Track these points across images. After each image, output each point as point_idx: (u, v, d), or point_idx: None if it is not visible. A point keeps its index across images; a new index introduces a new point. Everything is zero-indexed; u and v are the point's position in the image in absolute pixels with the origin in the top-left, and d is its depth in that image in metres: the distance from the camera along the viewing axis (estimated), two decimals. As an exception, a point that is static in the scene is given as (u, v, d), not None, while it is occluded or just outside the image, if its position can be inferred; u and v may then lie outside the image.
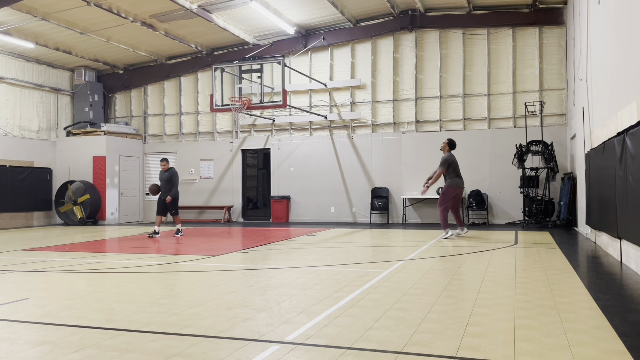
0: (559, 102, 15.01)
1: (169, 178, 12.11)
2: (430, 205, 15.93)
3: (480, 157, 15.51)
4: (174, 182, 12.11)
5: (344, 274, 6.52)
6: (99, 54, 17.81)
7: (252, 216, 18.47)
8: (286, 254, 8.87)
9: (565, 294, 5.15)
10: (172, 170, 12.25)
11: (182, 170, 18.76)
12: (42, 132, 17.85)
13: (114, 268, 7.40)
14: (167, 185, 12.08)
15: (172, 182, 12.11)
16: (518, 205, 14.76)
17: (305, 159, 17.21)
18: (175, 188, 12.14)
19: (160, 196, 12.14)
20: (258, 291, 5.50)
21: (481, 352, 3.38)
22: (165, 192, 12.08)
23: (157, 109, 19.32)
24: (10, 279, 6.51)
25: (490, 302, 4.83)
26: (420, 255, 8.32)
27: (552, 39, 15.07)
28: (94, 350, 3.51)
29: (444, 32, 16.01)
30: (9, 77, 16.59)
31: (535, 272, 6.46)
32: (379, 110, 16.71)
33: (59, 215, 17.30)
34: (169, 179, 12.11)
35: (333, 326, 4.04)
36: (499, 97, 15.56)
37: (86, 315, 4.51)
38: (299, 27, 16.56)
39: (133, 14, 14.63)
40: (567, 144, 14.58)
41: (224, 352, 3.45)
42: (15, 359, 3.37)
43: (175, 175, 12.20)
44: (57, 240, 11.76)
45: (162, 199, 12.09)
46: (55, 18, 14.32)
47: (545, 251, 8.54)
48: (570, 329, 3.87)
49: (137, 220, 18.74)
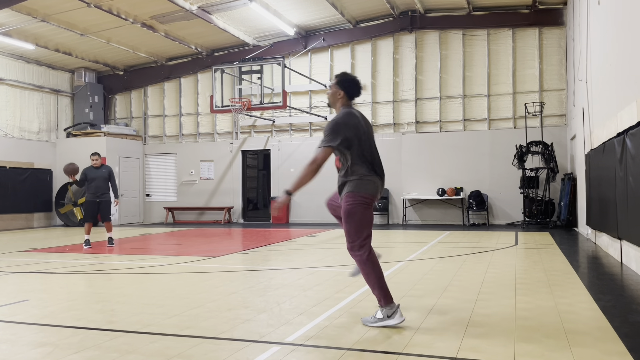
0: (559, 103, 15.01)
1: (108, 176, 10.24)
2: (431, 206, 15.93)
3: (480, 157, 15.51)
4: (113, 181, 10.34)
5: (345, 275, 6.52)
6: (99, 55, 17.81)
7: (252, 217, 18.46)
8: (286, 254, 8.87)
9: (565, 294, 5.15)
10: (108, 166, 10.43)
11: (182, 171, 18.78)
12: (43, 133, 17.85)
13: (115, 269, 7.40)
14: (105, 184, 10.15)
15: (111, 181, 10.29)
16: (518, 206, 14.76)
17: (306, 160, 16.95)
18: (115, 188, 10.44)
19: (94, 198, 10.08)
20: (258, 292, 5.50)
21: (482, 352, 3.38)
22: (104, 194, 10.12)
23: (157, 110, 19.32)
24: (11, 280, 6.51)
25: (490, 302, 4.82)
26: (421, 256, 8.32)
27: (552, 40, 15.07)
28: (94, 352, 3.50)
29: (444, 33, 16.01)
30: (9, 79, 16.59)
31: (535, 273, 6.46)
32: (378, 111, 16.72)
33: (59, 216, 17.29)
34: (108, 176, 10.24)
35: (333, 327, 4.04)
36: (499, 97, 15.56)
37: (86, 317, 4.50)
38: (299, 28, 16.57)
39: (133, 15, 14.64)
40: (567, 145, 14.58)
41: (225, 353, 3.45)
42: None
43: (113, 173, 10.47)
44: (57, 241, 11.75)
45: (100, 202, 10.09)
46: (56, 19, 14.33)
47: (545, 252, 8.54)
48: (570, 330, 3.86)
49: (137, 221, 18.73)
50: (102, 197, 10.10)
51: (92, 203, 10.09)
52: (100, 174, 10.13)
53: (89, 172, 10.11)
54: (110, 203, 10.28)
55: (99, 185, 10.06)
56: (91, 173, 10.10)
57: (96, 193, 10.06)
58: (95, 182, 10.06)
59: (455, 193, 15.41)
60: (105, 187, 10.15)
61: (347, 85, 4.57)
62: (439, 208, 15.88)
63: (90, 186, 10.06)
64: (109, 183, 10.22)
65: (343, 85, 4.56)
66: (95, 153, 10.31)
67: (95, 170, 10.13)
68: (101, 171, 10.18)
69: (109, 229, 10.40)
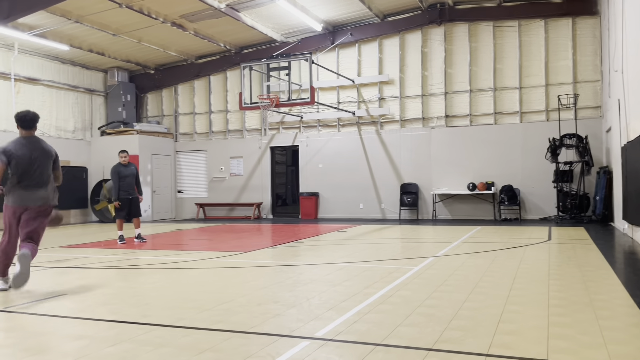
0: (594, 95, 14.62)
1: (136, 173, 10.38)
2: (462, 201, 15.75)
3: (512, 151, 15.24)
4: (138, 179, 10.43)
5: (374, 270, 6.51)
6: (131, 54, 18.16)
7: (281, 213, 18.58)
8: (315, 250, 8.90)
9: (601, 290, 5.03)
10: (133, 164, 10.49)
11: (212, 167, 19.02)
12: (78, 132, 18.31)
13: (148, 264, 7.55)
14: (134, 181, 10.29)
15: (137, 178, 10.35)
16: (551, 200, 14.46)
17: (334, 156, 17.19)
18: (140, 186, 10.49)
19: (126, 195, 10.17)
20: (288, 287, 5.54)
21: (514, 349, 3.33)
22: (131, 192, 10.23)
23: (188, 107, 19.60)
24: (50, 275, 6.72)
25: (523, 299, 4.75)
26: (451, 251, 8.24)
27: (586, 30, 14.68)
28: (129, 345, 3.59)
29: (474, 25, 15.76)
30: (46, 79, 17.07)
31: (569, 269, 6.32)
32: (407, 106, 16.58)
33: (95, 213, 17.74)
34: (136, 174, 10.38)
35: (363, 322, 4.05)
36: (531, 90, 15.25)
37: (122, 311, 4.62)
38: (326, 23, 16.55)
39: (163, 15, 14.87)
40: (602, 137, 14.20)
41: (255, 347, 3.49)
42: (54, 352, 3.48)
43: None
44: (93, 237, 12.06)
45: (132, 198, 10.23)
46: (89, 20, 14.66)
47: (580, 247, 8.35)
48: (606, 327, 3.78)
49: (169, 217, 19.06)
50: (133, 193, 10.27)
51: (124, 200, 10.21)
52: (130, 172, 10.27)
53: (121, 170, 10.20)
54: (139, 200, 10.45)
55: (130, 183, 10.20)
56: (123, 171, 10.21)
57: (128, 190, 10.19)
58: (127, 180, 10.18)
59: (486, 188, 15.19)
60: (134, 184, 10.30)
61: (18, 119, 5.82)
62: (469, 203, 15.68)
63: (123, 184, 10.16)
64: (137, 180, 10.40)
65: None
66: (124, 150, 10.48)
67: (125, 168, 10.26)
68: (130, 169, 10.31)
69: (137, 225, 10.49)
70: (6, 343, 3.69)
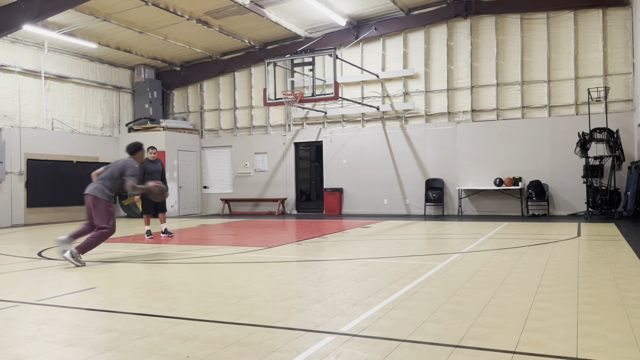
0: (625, 88, 14.25)
1: (162, 170, 10.50)
2: (488, 197, 15.55)
3: (540, 146, 14.98)
4: (164, 175, 10.49)
5: (398, 266, 6.48)
6: (157, 52, 18.39)
7: (305, 208, 18.63)
8: (340, 246, 8.90)
9: (632, 288, 4.92)
10: (160, 160, 10.52)
11: (237, 163, 19.17)
12: (106, 128, 18.66)
13: (175, 259, 7.66)
14: (158, 177, 10.28)
15: (163, 175, 10.41)
16: (581, 195, 14.17)
17: (358, 151, 17.15)
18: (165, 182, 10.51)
19: None
20: (312, 282, 5.56)
21: (542, 347, 3.28)
22: None
23: (213, 104, 19.78)
24: (79, 269, 6.87)
25: (551, 296, 4.67)
26: (477, 247, 8.15)
27: (616, 21, 14.30)
28: (157, 338, 3.65)
29: (501, 18, 15.51)
30: (75, 77, 17.42)
31: (599, 266, 6.19)
32: (432, 100, 16.42)
33: (123, 208, 18.07)
34: (162, 170, 10.50)
35: (388, 318, 4.03)
36: (559, 83, 14.95)
37: (149, 304, 4.70)
38: (350, 18, 16.48)
39: (188, 12, 15.02)
40: (634, 131, 13.84)
41: (280, 341, 3.51)
42: (85, 344, 3.56)
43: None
44: (120, 232, 12.27)
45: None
46: (116, 18, 14.89)
47: (610, 244, 8.17)
48: (637, 325, 3.69)
49: (195, 212, 19.30)
50: None
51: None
52: (156, 168, 10.37)
53: (149, 166, 10.29)
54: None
55: (156, 179, 10.18)
56: (150, 167, 10.31)
57: None
58: (154, 176, 10.24)
59: (513, 183, 14.97)
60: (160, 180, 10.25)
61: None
62: (496, 199, 15.48)
63: (149, 179, 10.12)
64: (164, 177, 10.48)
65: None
66: (153, 147, 10.57)
67: (152, 164, 10.37)
68: (157, 165, 10.40)
69: (163, 220, 10.62)
70: (38, 335, 3.79)
